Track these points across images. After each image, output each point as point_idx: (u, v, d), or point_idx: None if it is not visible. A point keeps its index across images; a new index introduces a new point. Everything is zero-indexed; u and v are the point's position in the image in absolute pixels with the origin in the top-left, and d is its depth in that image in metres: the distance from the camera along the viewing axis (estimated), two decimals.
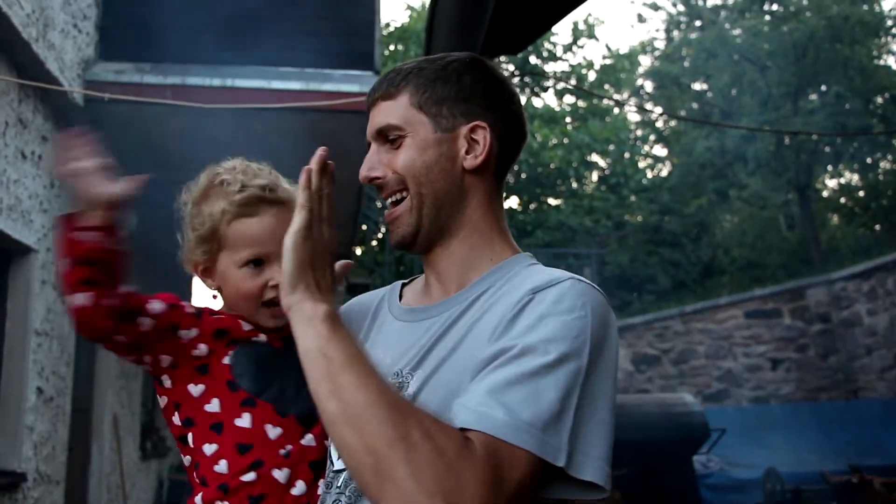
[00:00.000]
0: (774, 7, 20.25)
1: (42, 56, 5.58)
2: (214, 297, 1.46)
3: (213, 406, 1.35)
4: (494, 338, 1.18)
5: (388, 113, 1.35)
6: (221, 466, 1.32)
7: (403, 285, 1.50)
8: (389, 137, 1.35)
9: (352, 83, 6.70)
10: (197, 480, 1.37)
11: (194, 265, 1.47)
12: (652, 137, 26.50)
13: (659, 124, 25.71)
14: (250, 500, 1.31)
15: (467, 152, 1.34)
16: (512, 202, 20.07)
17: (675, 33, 24.00)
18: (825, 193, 22.88)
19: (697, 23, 22.48)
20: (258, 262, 1.42)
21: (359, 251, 13.08)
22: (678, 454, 6.91)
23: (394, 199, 1.36)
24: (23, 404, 5.74)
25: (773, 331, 14.06)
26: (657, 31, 37.57)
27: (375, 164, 1.36)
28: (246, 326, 1.45)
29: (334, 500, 1.26)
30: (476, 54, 1.43)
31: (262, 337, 1.46)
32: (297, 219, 1.19)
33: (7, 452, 5.66)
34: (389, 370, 1.29)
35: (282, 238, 1.34)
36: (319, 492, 1.34)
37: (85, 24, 6.56)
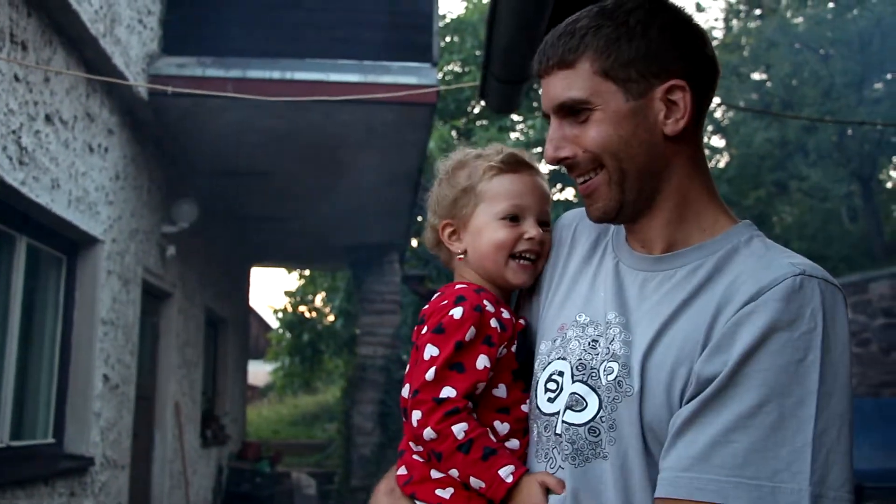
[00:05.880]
0: None
1: (109, 51, 5.70)
2: (460, 257, 1.49)
3: (500, 391, 1.38)
4: (710, 349, 1.08)
5: (568, 84, 1.20)
6: (513, 444, 1.36)
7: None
8: (574, 111, 1.21)
9: (410, 75, 6.72)
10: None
11: (442, 228, 1.51)
12: (710, 128, 26.08)
13: (717, 115, 25.29)
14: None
15: (666, 116, 1.18)
16: (568, 193, 19.95)
17: (735, 22, 23.55)
18: (889, 185, 22.30)
19: (757, 11, 22.01)
20: (514, 218, 1.45)
21: (414, 242, 13.09)
22: None
23: (585, 178, 1.24)
24: (90, 391, 5.89)
25: None
26: (716, 20, 36.96)
27: (561, 142, 1.23)
28: (504, 314, 1.44)
29: (553, 447, 1.23)
30: None
31: (507, 316, 1.45)
32: None
33: (76, 437, 5.82)
34: (600, 315, 1.24)
35: (537, 196, 1.42)
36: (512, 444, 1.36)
37: (149, 19, 6.68)
